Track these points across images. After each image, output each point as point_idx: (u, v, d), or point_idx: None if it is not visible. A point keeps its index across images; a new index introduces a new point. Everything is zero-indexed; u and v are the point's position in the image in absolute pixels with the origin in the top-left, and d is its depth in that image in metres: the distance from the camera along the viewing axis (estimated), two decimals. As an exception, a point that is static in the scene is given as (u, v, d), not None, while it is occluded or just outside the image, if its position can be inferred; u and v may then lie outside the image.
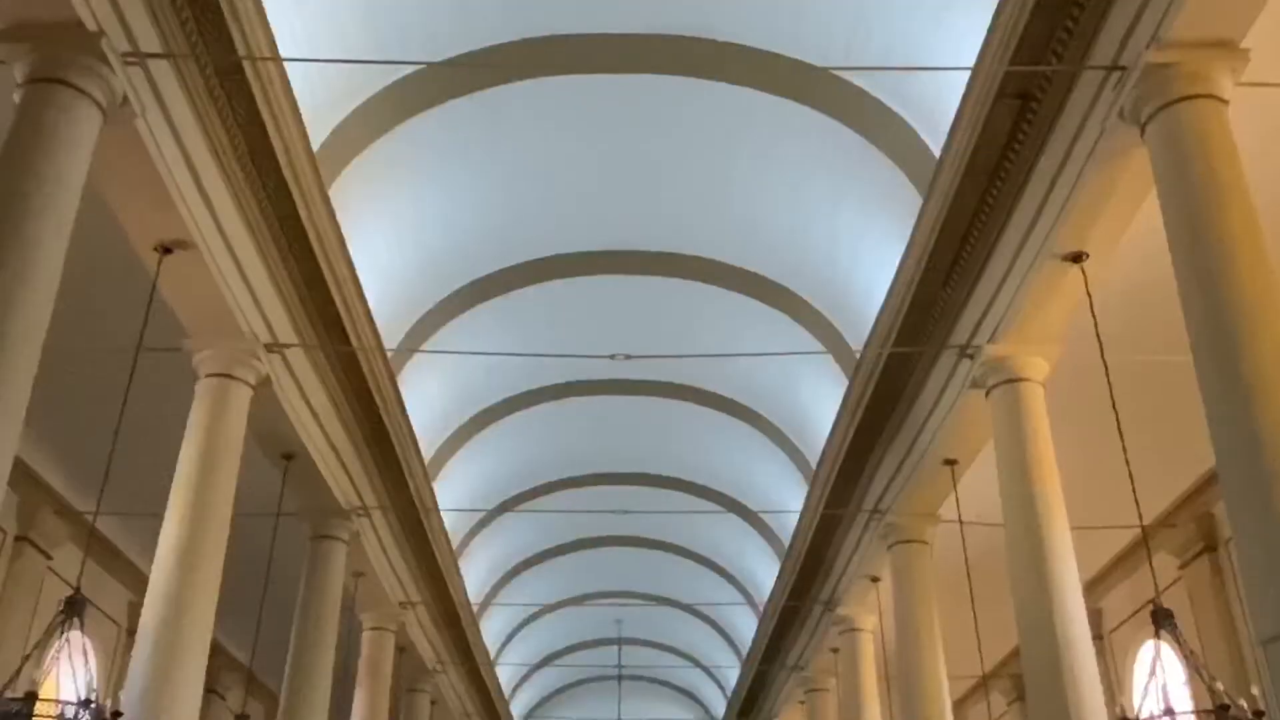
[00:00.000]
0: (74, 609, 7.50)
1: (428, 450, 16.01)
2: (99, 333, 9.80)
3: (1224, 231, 6.51)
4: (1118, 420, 8.34)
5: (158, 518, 9.19)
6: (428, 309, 13.97)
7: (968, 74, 8.64)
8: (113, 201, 8.26)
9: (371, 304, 11.83)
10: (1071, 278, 8.85)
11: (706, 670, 29.39)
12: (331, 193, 10.47)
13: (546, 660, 29.17)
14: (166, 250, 8.63)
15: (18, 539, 12.72)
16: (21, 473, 12.34)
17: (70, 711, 7.28)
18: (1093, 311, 8.57)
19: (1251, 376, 6.05)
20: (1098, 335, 8.56)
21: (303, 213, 9.85)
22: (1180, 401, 9.77)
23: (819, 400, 15.38)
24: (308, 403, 11.77)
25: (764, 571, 21.11)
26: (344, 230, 10.74)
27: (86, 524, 10.59)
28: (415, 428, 14.60)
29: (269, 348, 10.23)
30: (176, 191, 8.21)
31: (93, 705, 7.33)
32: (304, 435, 11.75)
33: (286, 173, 9.36)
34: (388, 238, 12.61)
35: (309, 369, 11.69)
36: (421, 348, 14.01)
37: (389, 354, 12.85)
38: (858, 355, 12.76)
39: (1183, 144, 6.82)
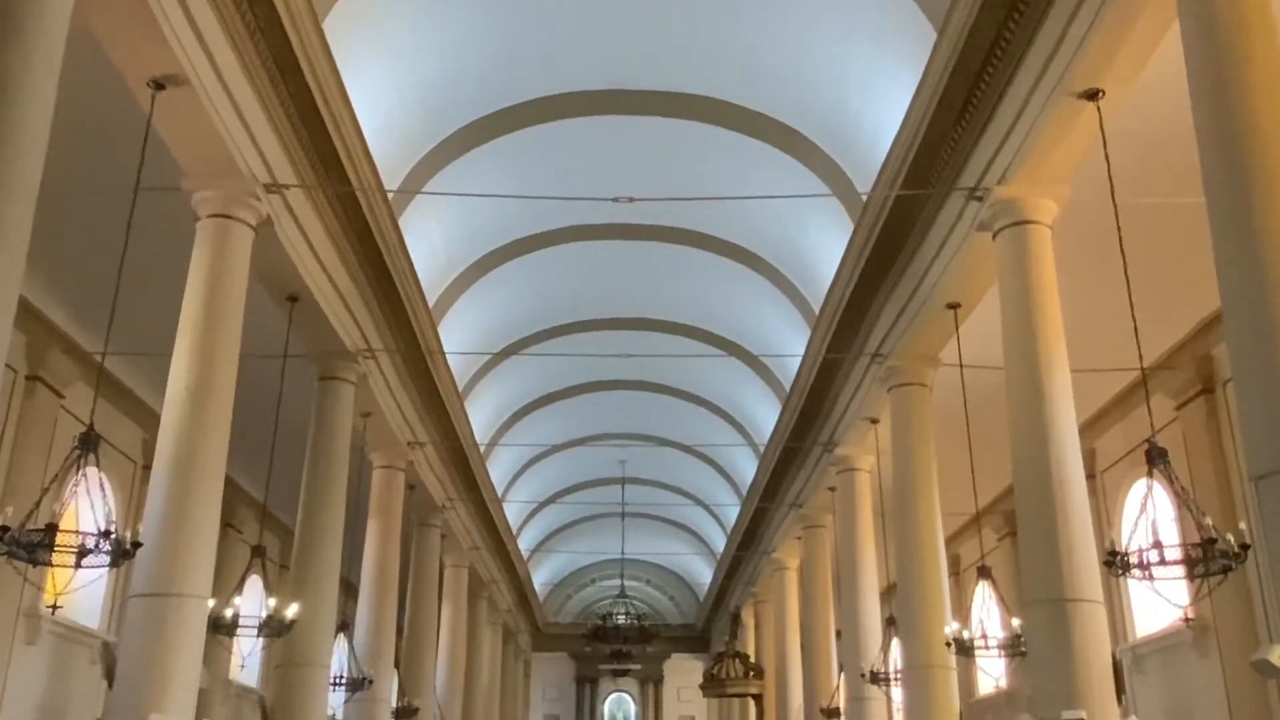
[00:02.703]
0: (88, 445, 7.65)
1: (432, 293, 16.03)
2: (99, 172, 9.68)
3: (1247, 67, 6.31)
4: (1124, 263, 8.30)
5: (166, 357, 9.29)
6: (428, 149, 13.73)
7: (989, -102, 8.23)
8: (102, 34, 8.01)
9: (370, 143, 11.61)
10: (1086, 117, 8.65)
11: (707, 508, 30.24)
12: (325, 26, 10.13)
13: (552, 498, 29.99)
14: (159, 86, 8.43)
15: (29, 378, 12.88)
16: (27, 313, 12.41)
17: (91, 542, 7.49)
18: (1105, 152, 8.42)
19: (1264, 216, 5.97)
20: (1109, 176, 8.44)
21: (296, 46, 9.56)
22: (1184, 245, 9.75)
23: (823, 244, 15.29)
24: (310, 244, 11.72)
25: (764, 414, 21.46)
26: (340, 66, 10.44)
27: (95, 363, 10.71)
28: (419, 271, 14.58)
29: (268, 188, 10.11)
30: (165, 22, 7.95)
31: (112, 536, 7.55)
32: (307, 277, 11.75)
33: (278, 2, 9.04)
34: (385, 75, 12.28)
35: (310, 210, 11.59)
36: (423, 189, 13.84)
37: (390, 195, 12.71)
38: (864, 199, 12.61)
39: (1209, -27, 6.54)
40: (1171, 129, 8.84)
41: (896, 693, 14.12)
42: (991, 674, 17.44)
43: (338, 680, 13.93)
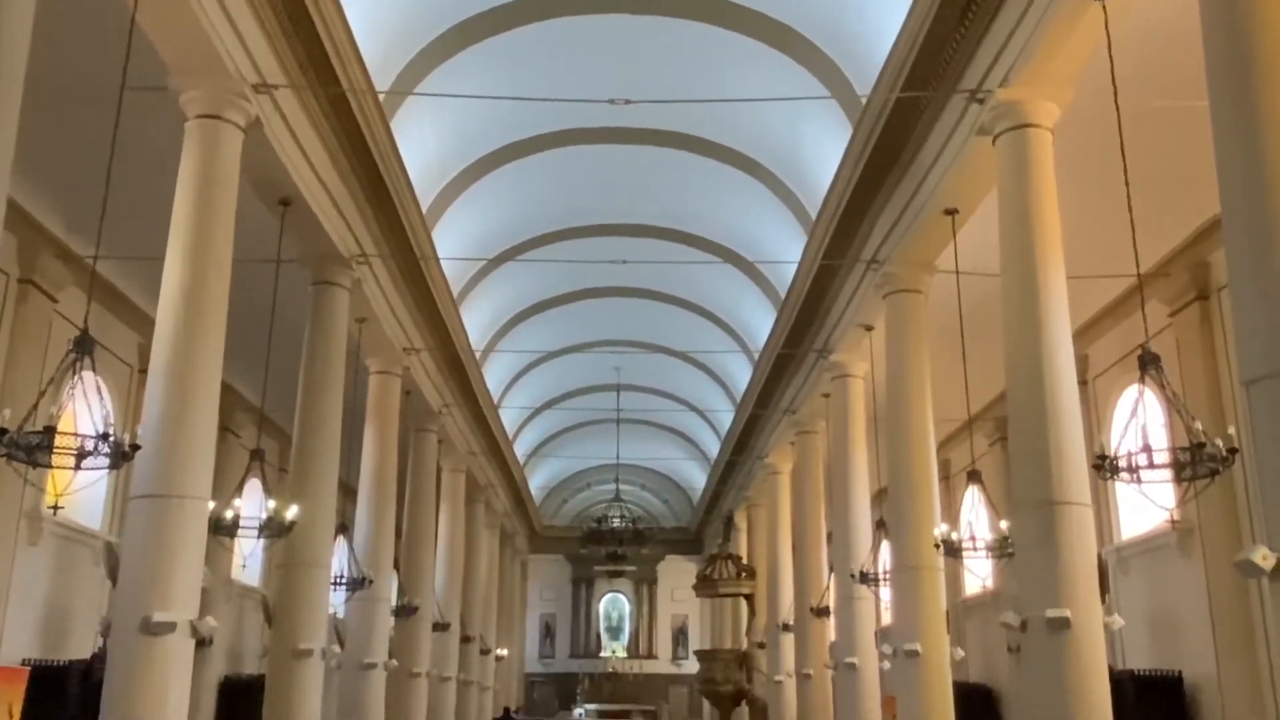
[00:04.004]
0: (83, 347, 7.63)
1: (425, 198, 15.87)
2: (85, 70, 9.48)
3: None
4: (1125, 168, 8.20)
5: (159, 261, 9.24)
6: (419, 49, 13.43)
7: None
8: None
9: (360, 43, 11.36)
10: (1091, 16, 8.47)
11: (701, 414, 30.48)
12: (312, -82, 9.83)
13: (548, 404, 30.18)
14: (142, -20, 8.21)
15: (21, 282, 12.81)
16: (17, 215, 12.29)
17: (89, 445, 7.52)
18: (1110, 53, 8.26)
19: (1268, 119, 5.90)
20: (1113, 79, 8.29)
21: (282, -60, 9.29)
22: (1184, 150, 9.64)
23: (821, 149, 15.11)
24: (300, 147, 11.55)
25: (759, 320, 21.48)
26: (327, -39, 10.17)
27: (88, 267, 10.65)
28: (411, 174, 14.40)
29: (257, 88, 9.92)
30: (146, -86, 7.70)
31: (111, 439, 7.58)
32: (298, 180, 11.61)
33: (262, -106, 8.76)
34: (374, -30, 11.95)
35: (300, 112, 11.39)
36: (414, 90, 13.58)
37: (381, 96, 12.48)
38: (864, 101, 12.41)
39: None
40: (1178, 30, 8.66)
41: (885, 592, 14.43)
42: (978, 574, 17.83)
43: (338, 580, 14.19)
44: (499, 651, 31.92)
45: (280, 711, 11.91)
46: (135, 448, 7.87)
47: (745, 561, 27.61)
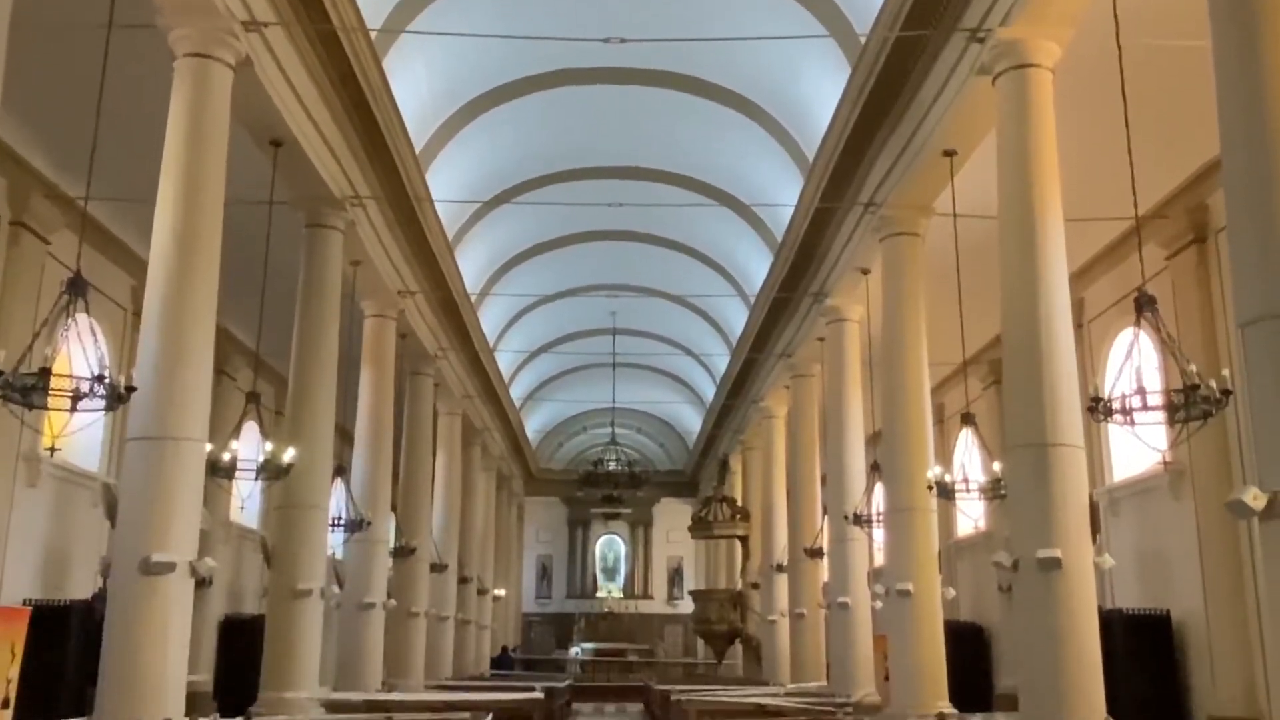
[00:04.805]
0: (76, 289, 7.60)
1: (419, 139, 15.71)
2: (72, 9, 9.31)
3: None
4: (1125, 109, 8.12)
5: (151, 203, 9.16)
6: (411, -14, 13.22)
7: None
8: None
9: (351, -21, 11.17)
10: (1094, -48, 8.34)
11: (697, 358, 30.52)
12: None
13: (544, 348, 30.19)
14: (126, -86, 8.04)
15: (13, 224, 12.71)
16: (6, 156, 12.15)
17: (85, 386, 7.52)
18: (1113, -10, 8.15)
19: (1269, 59, 5.84)
20: (1115, 18, 8.18)
21: (270, -128, 9.09)
22: (1183, 91, 9.54)
23: (819, 89, 14.94)
24: (292, 86, 11.40)
25: (755, 264, 21.42)
26: (316, -106, 9.96)
27: (79, 209, 10.56)
28: (405, 115, 14.23)
29: (246, 25, 9.76)
30: None
31: (106, 381, 7.57)
32: (290, 120, 11.48)
33: None
34: (364, -95, 11.71)
35: (291, 51, 11.23)
36: (406, 28, 13.38)
37: (372, 34, 12.29)
38: (863, 41, 12.25)
39: None
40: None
41: (878, 534, 14.58)
42: (970, 516, 17.98)
43: (336, 521, 14.30)
44: (496, 592, 32.29)
45: (280, 649, 12.09)
46: (131, 389, 7.86)
47: (740, 504, 27.86)
